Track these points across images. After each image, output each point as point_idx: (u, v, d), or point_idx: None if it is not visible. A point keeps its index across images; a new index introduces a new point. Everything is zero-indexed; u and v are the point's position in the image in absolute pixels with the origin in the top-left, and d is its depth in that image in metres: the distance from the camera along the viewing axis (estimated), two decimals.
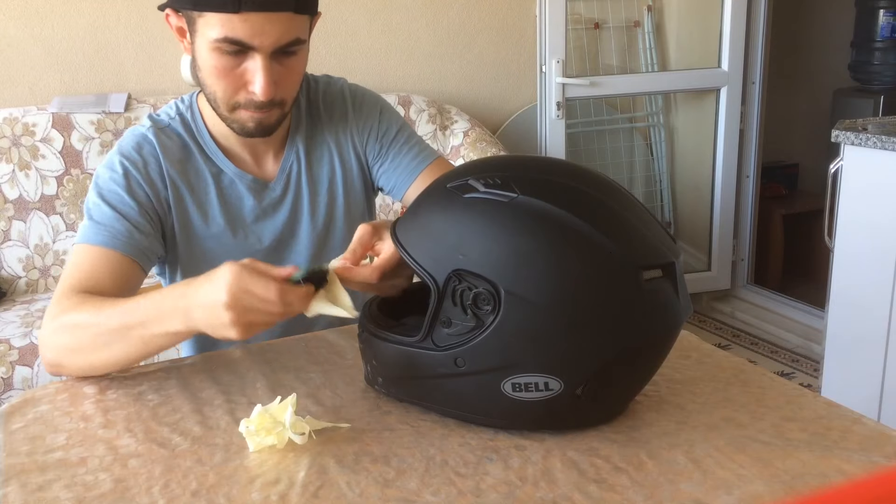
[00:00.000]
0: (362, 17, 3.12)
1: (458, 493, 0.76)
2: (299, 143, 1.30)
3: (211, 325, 0.91)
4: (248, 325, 0.90)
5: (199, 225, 1.24)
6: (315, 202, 1.30)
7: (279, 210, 1.28)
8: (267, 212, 1.28)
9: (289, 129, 1.29)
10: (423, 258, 0.85)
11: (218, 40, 1.07)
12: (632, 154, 3.67)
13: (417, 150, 1.34)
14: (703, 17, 3.51)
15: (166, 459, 0.84)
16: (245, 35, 1.06)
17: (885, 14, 3.61)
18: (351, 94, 1.34)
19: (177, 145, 1.23)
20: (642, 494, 0.75)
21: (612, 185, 0.87)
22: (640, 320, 0.82)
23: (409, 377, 0.89)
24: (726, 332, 3.44)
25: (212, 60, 1.10)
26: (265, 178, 1.28)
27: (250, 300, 0.88)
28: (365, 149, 1.33)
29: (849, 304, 2.32)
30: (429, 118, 3.04)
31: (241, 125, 1.17)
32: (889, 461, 0.80)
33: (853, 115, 2.96)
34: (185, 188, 1.22)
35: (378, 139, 1.33)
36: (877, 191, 2.20)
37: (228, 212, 1.25)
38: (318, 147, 1.31)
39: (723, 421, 0.88)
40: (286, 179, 1.29)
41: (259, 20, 1.06)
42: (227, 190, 1.26)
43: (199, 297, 0.92)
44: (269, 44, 1.08)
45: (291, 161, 1.29)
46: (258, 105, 1.13)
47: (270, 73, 1.10)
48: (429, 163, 1.32)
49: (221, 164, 1.25)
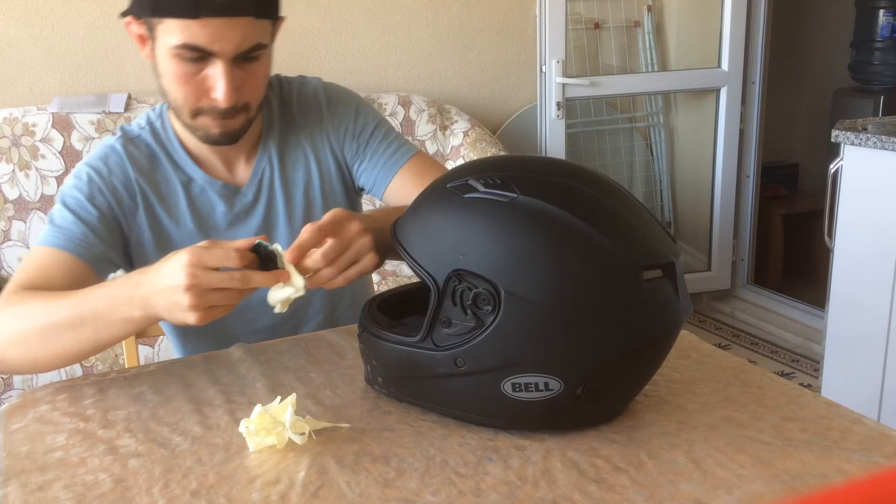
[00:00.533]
0: (362, 17, 3.12)
1: (458, 493, 0.76)
2: (272, 146, 1.27)
3: (169, 309, 0.91)
4: (208, 307, 0.90)
5: (173, 232, 1.22)
6: (291, 206, 1.27)
7: (252, 215, 1.26)
8: (240, 217, 1.25)
9: (261, 132, 1.26)
10: (423, 258, 0.85)
11: (178, 47, 1.06)
12: (632, 154, 3.67)
13: (395, 146, 1.31)
14: (703, 17, 3.51)
15: (166, 459, 0.84)
16: (205, 41, 1.05)
17: (885, 14, 3.61)
18: (325, 93, 1.31)
19: (144, 155, 1.22)
20: (642, 494, 0.75)
21: (612, 185, 0.87)
22: (640, 320, 0.82)
23: (409, 377, 0.89)
24: (726, 332, 3.43)
25: (172, 67, 1.09)
26: (237, 183, 1.25)
27: (208, 278, 0.88)
28: (342, 149, 1.31)
29: (849, 304, 2.32)
30: (429, 118, 3.04)
31: (204, 132, 1.15)
32: (889, 461, 0.80)
33: (853, 115, 2.96)
34: (154, 197, 1.21)
35: (355, 138, 1.30)
36: (877, 191, 2.19)
37: (200, 219, 1.23)
38: (293, 150, 1.28)
39: (723, 421, 0.88)
40: (258, 184, 1.26)
41: (219, 25, 1.05)
42: (197, 197, 1.23)
43: (156, 282, 0.92)
44: (229, 49, 1.06)
45: (264, 165, 1.26)
46: (221, 112, 1.11)
47: (232, 79, 1.08)
48: (407, 159, 1.30)
49: (191, 172, 1.23)
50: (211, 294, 0.90)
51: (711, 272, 3.59)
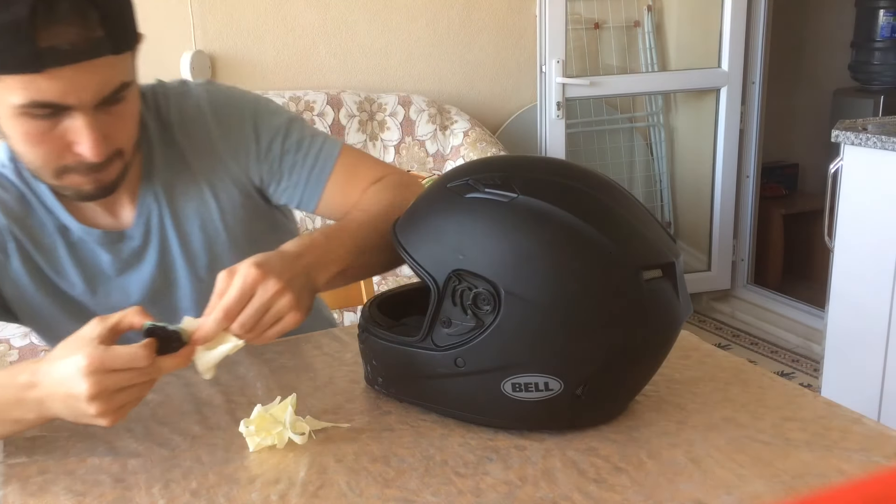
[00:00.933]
0: (362, 17, 3.12)
1: (458, 493, 0.76)
2: (157, 181, 1.09)
3: (73, 416, 0.80)
4: (119, 409, 0.80)
5: (59, 283, 1.08)
6: (187, 245, 1.11)
7: (144, 260, 1.10)
8: (130, 264, 1.10)
9: (142, 165, 1.09)
10: (423, 258, 0.85)
11: (24, 106, 0.88)
12: (632, 154, 3.67)
13: (315, 154, 1.13)
14: (703, 17, 3.51)
15: (166, 459, 0.84)
16: (56, 95, 0.88)
17: (885, 14, 3.61)
18: (212, 110, 1.11)
19: (13, 197, 1.06)
20: (642, 494, 0.75)
21: (612, 185, 0.87)
22: (640, 320, 0.82)
23: (409, 377, 0.89)
24: (726, 332, 3.43)
25: (21, 128, 0.91)
26: (121, 227, 1.09)
27: (114, 381, 0.78)
28: (247, 175, 1.13)
29: (849, 304, 2.32)
30: (429, 118, 3.04)
31: (76, 191, 0.99)
32: (889, 461, 0.80)
33: (853, 115, 2.96)
34: (30, 245, 1.06)
35: (262, 159, 1.12)
36: (877, 191, 2.19)
37: (84, 269, 1.08)
38: (182, 181, 1.10)
39: (723, 421, 0.88)
40: (146, 225, 1.09)
41: (70, 75, 0.87)
42: (77, 245, 1.08)
43: (52, 386, 0.79)
44: (88, 99, 0.90)
45: (149, 203, 1.09)
46: (91, 167, 0.95)
47: (98, 130, 0.92)
48: (332, 165, 1.13)
49: (64, 220, 1.06)
50: (118, 395, 0.79)
51: (711, 272, 3.59)
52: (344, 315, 2.41)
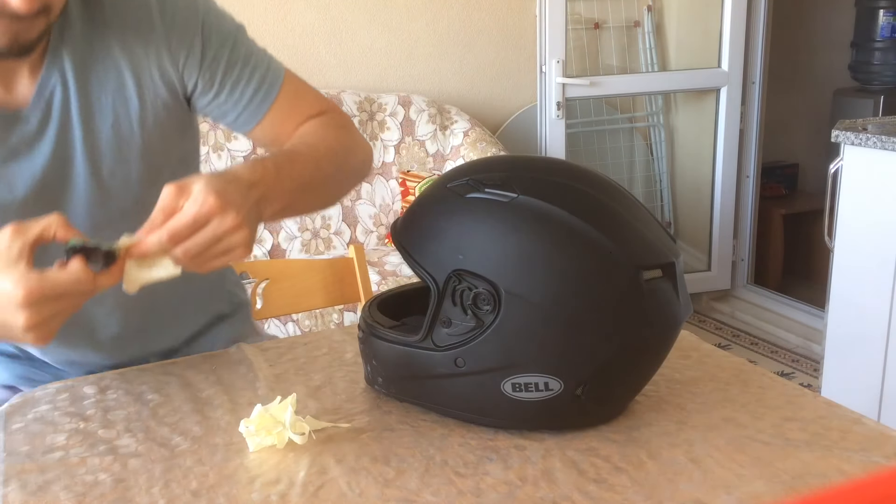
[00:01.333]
0: (362, 17, 3.12)
1: (458, 493, 0.76)
2: (67, 58, 0.94)
3: (5, 339, 0.78)
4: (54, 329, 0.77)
5: None
6: (93, 140, 0.97)
7: (37, 148, 0.95)
8: (19, 150, 0.95)
9: (49, 37, 0.93)
10: (424, 258, 0.85)
11: None
12: (632, 154, 3.67)
13: (260, 74, 1.04)
14: (703, 17, 3.51)
15: (166, 459, 0.84)
16: None
17: (885, 14, 3.61)
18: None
19: None
20: (642, 494, 0.75)
21: (612, 185, 0.87)
22: (640, 320, 0.82)
23: (409, 377, 0.89)
24: (726, 332, 3.44)
25: None
26: (14, 106, 0.94)
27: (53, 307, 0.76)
28: (182, 76, 1.00)
29: (849, 304, 2.32)
30: (429, 118, 3.04)
31: None
32: (889, 461, 0.80)
33: (853, 115, 2.96)
34: None
35: (203, 67, 1.01)
36: (877, 191, 2.20)
37: None
38: (101, 65, 0.96)
39: (723, 421, 0.88)
40: (45, 107, 0.95)
41: None
42: None
43: None
44: None
45: (53, 83, 0.94)
46: (14, 17, 0.83)
47: None
48: (277, 92, 1.04)
49: None
50: (55, 319, 0.76)
51: (711, 272, 3.59)
52: (344, 315, 2.41)
